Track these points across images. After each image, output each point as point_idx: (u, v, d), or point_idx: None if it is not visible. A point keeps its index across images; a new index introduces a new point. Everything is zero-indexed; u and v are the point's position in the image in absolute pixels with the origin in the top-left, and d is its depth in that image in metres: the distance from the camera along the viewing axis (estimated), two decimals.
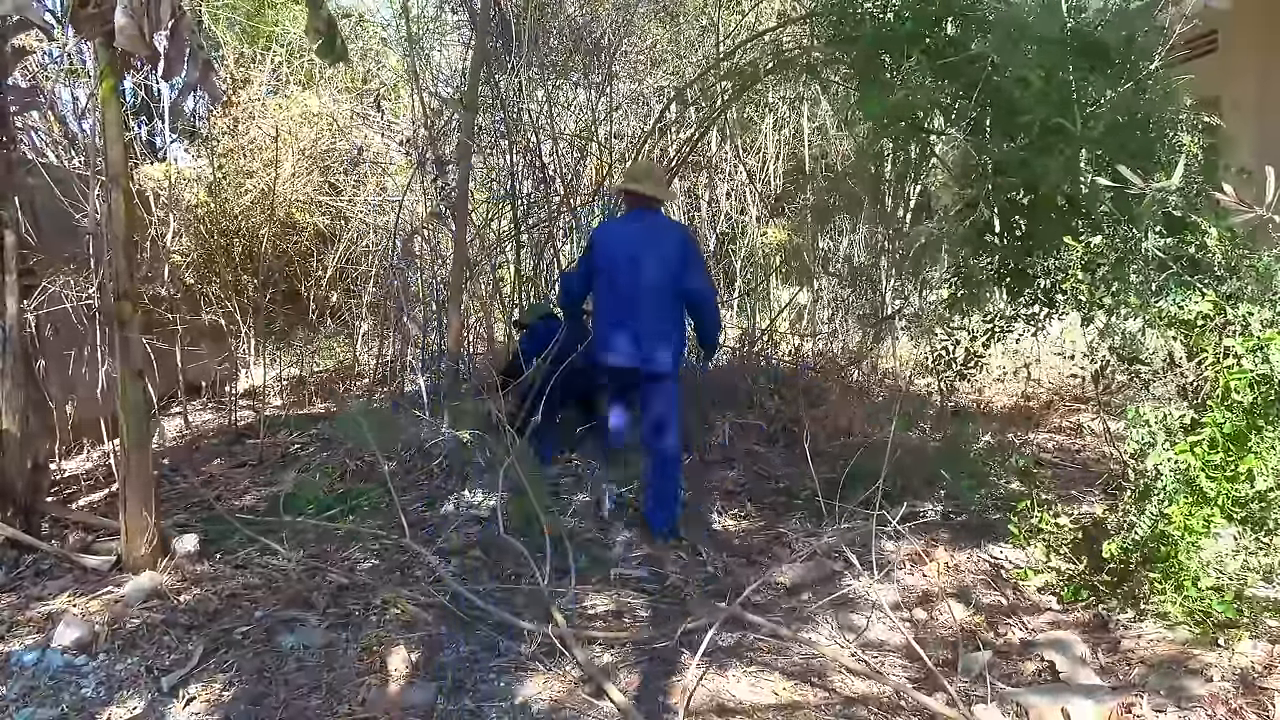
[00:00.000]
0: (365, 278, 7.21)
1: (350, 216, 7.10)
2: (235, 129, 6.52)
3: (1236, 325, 2.68)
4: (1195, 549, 2.51)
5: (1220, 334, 2.72)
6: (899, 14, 3.47)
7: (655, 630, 2.81)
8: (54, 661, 2.54)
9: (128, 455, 3.15)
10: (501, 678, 2.56)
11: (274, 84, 7.27)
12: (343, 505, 4.02)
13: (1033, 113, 2.98)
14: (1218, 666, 2.38)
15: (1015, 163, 3.09)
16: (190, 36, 3.17)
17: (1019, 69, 3.06)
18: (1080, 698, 2.25)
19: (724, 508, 4.00)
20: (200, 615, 2.86)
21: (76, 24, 3.12)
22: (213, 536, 3.56)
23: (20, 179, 3.44)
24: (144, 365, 3.27)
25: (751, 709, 2.40)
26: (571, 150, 6.71)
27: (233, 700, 2.40)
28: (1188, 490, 2.54)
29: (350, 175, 7.10)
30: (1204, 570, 2.51)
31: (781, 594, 3.14)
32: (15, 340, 3.28)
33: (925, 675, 2.52)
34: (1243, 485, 2.46)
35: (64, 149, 6.35)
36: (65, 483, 4.34)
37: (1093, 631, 2.67)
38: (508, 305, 6.39)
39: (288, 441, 5.09)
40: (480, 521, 3.74)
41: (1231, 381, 2.53)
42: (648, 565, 3.41)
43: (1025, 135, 3.08)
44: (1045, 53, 3.03)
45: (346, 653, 2.67)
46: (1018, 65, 3.06)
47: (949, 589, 3.08)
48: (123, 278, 3.15)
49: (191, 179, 6.48)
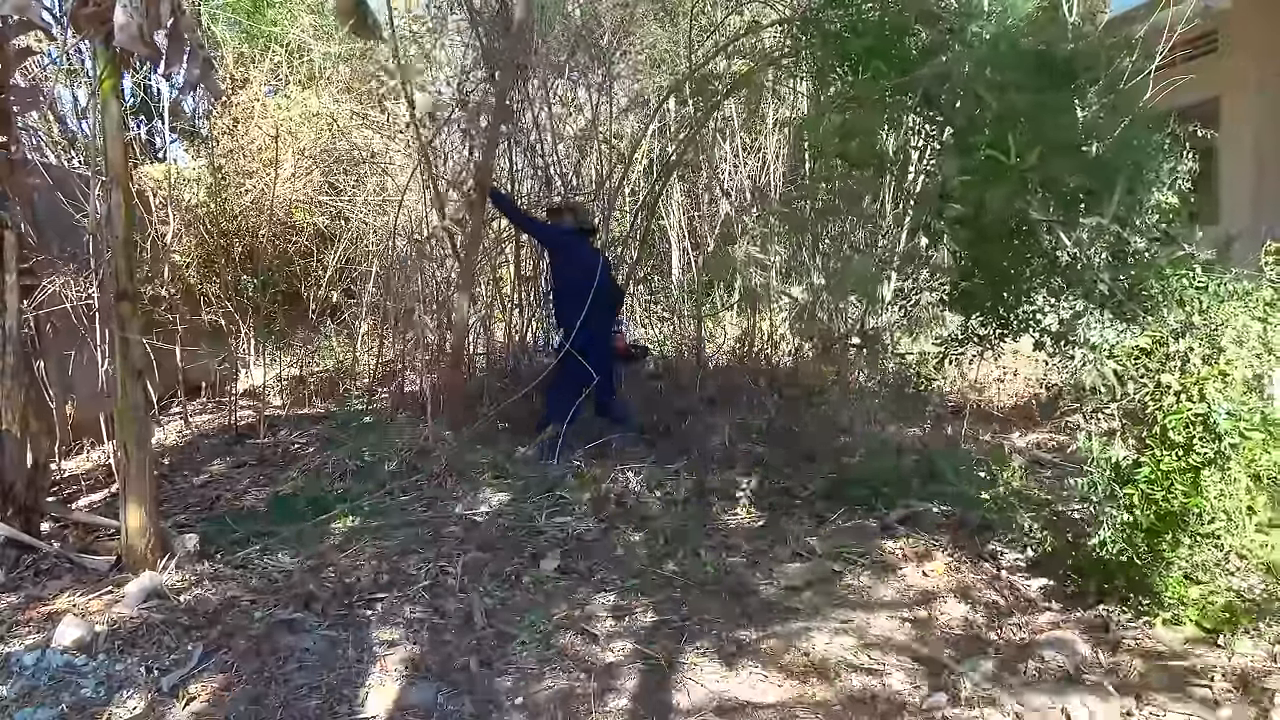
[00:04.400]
0: (365, 278, 7.21)
1: (350, 216, 7.09)
2: (235, 129, 6.51)
3: (1176, 361, 2.67)
4: (1164, 572, 2.54)
5: (1161, 368, 2.70)
6: (855, 27, 3.36)
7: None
8: (54, 661, 2.53)
9: (128, 455, 3.15)
10: (502, 678, 2.56)
11: (274, 84, 7.27)
12: (343, 505, 4.02)
13: (980, 135, 2.90)
14: (1218, 666, 2.38)
15: (960, 187, 2.99)
16: (190, 35, 3.17)
17: (974, 87, 2.97)
18: (1081, 697, 2.25)
19: (724, 507, 3.99)
20: (200, 615, 2.85)
21: (76, 23, 3.12)
22: (212, 536, 3.56)
23: (20, 179, 3.44)
24: (144, 365, 3.27)
25: (752, 709, 2.40)
26: (572, 150, 6.72)
27: (233, 700, 2.40)
28: (1133, 528, 2.57)
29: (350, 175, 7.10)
30: (1180, 586, 2.53)
31: (782, 593, 3.14)
32: (15, 340, 3.28)
33: (926, 675, 2.52)
34: (1192, 523, 2.48)
35: (64, 149, 6.35)
36: (65, 483, 4.34)
37: (1093, 631, 2.67)
38: (508, 305, 6.40)
39: (288, 441, 5.09)
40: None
41: (1168, 420, 2.54)
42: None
43: (973, 158, 3.00)
44: (1002, 70, 2.93)
45: (346, 653, 2.67)
46: (974, 83, 2.97)
47: (949, 589, 3.08)
48: (123, 278, 3.15)
49: (191, 179, 6.47)
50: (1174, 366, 2.65)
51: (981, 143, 2.80)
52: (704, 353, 6.56)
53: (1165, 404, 2.60)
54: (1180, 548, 2.51)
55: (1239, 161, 6.23)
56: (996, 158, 2.74)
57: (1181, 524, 2.49)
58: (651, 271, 8.35)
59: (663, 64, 7.53)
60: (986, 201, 2.80)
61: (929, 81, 3.08)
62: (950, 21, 3.13)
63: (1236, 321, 2.57)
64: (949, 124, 3.25)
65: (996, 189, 2.78)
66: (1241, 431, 2.41)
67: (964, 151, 2.96)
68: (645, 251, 7.36)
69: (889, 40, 3.17)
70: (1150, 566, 2.57)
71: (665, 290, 8.27)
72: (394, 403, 5.75)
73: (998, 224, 2.92)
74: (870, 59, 3.18)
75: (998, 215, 2.85)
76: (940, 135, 3.47)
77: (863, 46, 3.21)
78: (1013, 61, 2.89)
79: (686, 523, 3.76)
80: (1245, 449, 2.41)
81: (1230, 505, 2.44)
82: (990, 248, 3.03)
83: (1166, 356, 2.68)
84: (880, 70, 3.16)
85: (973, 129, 2.92)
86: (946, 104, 3.17)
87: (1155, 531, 2.53)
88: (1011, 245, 2.98)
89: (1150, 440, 2.66)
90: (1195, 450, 2.47)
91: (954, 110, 3.15)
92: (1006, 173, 2.73)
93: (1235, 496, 2.43)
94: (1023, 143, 2.71)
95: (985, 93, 2.88)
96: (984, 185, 2.81)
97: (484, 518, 3.86)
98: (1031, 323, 2.99)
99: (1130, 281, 2.78)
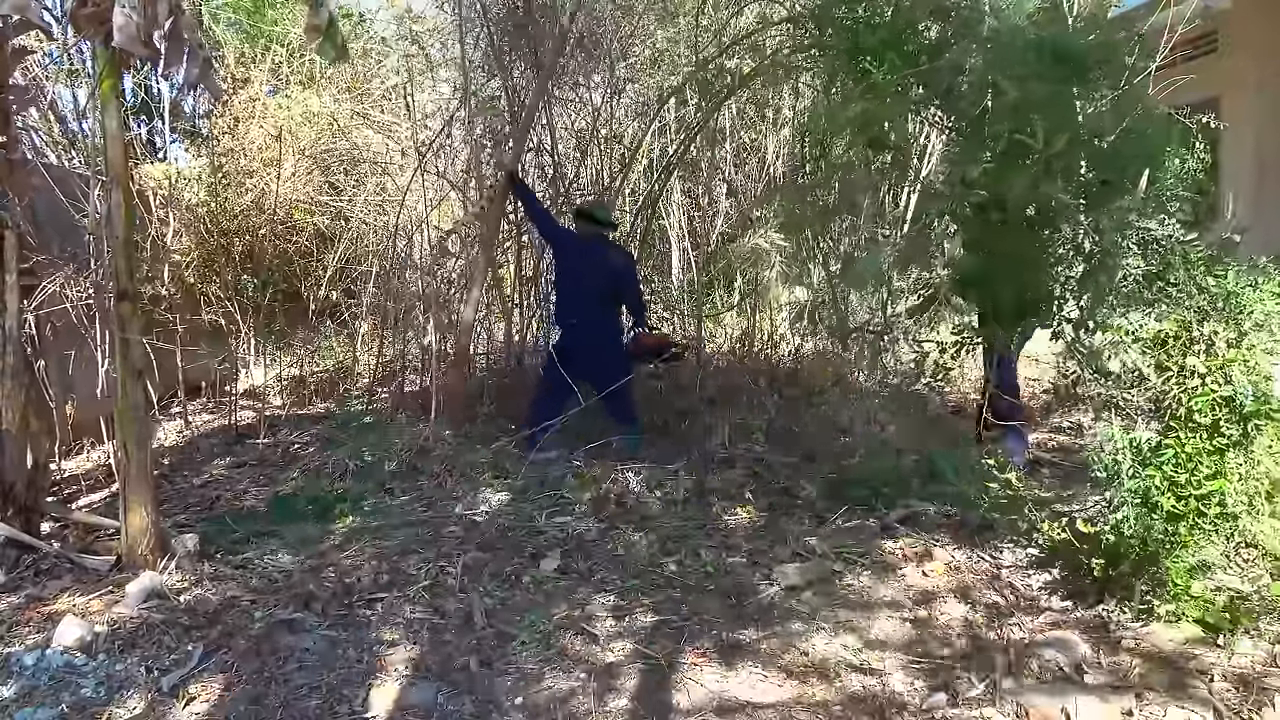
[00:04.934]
0: (365, 278, 7.21)
1: (350, 216, 7.10)
2: (235, 129, 6.52)
3: (1201, 345, 2.67)
4: (1177, 558, 2.53)
5: (1185, 352, 2.71)
6: (870, 22, 3.40)
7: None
8: (54, 661, 2.53)
9: (128, 455, 3.15)
10: (502, 678, 2.56)
11: (274, 84, 7.27)
12: (343, 505, 4.02)
13: (1002, 124, 2.92)
14: (1218, 666, 2.38)
15: (982, 175, 3.02)
16: (189, 35, 3.16)
17: (991, 77, 2.99)
18: (1081, 697, 2.25)
19: (724, 507, 3.99)
20: (200, 615, 2.85)
21: (76, 23, 3.12)
22: (212, 536, 3.56)
23: (21, 179, 3.44)
24: (144, 365, 3.27)
25: (752, 709, 2.40)
26: (573, 150, 6.72)
27: (233, 700, 2.40)
28: (1151, 511, 2.55)
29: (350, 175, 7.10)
30: (1187, 578, 2.52)
31: (782, 593, 3.13)
32: (15, 340, 3.28)
33: (926, 675, 2.52)
34: (1212, 506, 2.46)
35: (64, 149, 6.35)
36: (65, 483, 4.34)
37: (1093, 631, 2.67)
38: (509, 305, 6.40)
39: (288, 441, 5.09)
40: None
41: (1194, 403, 2.53)
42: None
43: (995, 147, 3.01)
44: (1019, 61, 2.94)
45: (346, 653, 2.67)
46: (991, 74, 2.99)
47: (949, 589, 3.08)
48: (123, 278, 3.15)
49: (191, 179, 6.48)
50: (1199, 350, 2.65)
51: (1005, 130, 2.82)
52: (704, 353, 6.56)
53: (1191, 387, 2.59)
54: (1198, 531, 2.48)
55: (1239, 161, 6.23)
56: (1024, 142, 2.76)
57: (1202, 508, 2.47)
58: (652, 271, 8.35)
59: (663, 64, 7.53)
60: (1011, 188, 2.83)
61: (947, 73, 3.10)
62: (965, 14, 3.15)
63: (1261, 307, 2.57)
64: (968, 114, 3.26)
65: (1020, 176, 2.80)
66: (1268, 413, 2.40)
67: (985, 140, 2.98)
68: (645, 251, 7.36)
69: (903, 34, 3.20)
70: (1163, 549, 2.54)
71: (665, 290, 8.28)
72: (394, 403, 5.75)
73: (1018, 212, 2.94)
74: (885, 51, 3.20)
75: (1020, 202, 2.87)
76: (959, 125, 3.47)
77: (878, 40, 3.23)
78: (1030, 54, 2.91)
79: (686, 523, 3.76)
80: (1270, 430, 2.41)
81: (1252, 489, 2.43)
82: (1011, 235, 3.05)
83: (1191, 340, 2.69)
84: (895, 64, 3.18)
85: (995, 118, 2.94)
86: (965, 95, 3.18)
87: (1174, 515, 2.50)
88: (1033, 233, 3.00)
89: (1174, 423, 2.65)
90: (1221, 431, 2.45)
91: (972, 101, 3.16)
92: (1030, 161, 2.75)
93: (1258, 479, 2.42)
94: (1047, 130, 2.73)
95: (1005, 83, 2.90)
96: (1007, 172, 2.83)
97: (484, 518, 3.86)
98: (1053, 309, 2.99)
99: (1154, 269, 2.79)
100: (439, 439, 4.68)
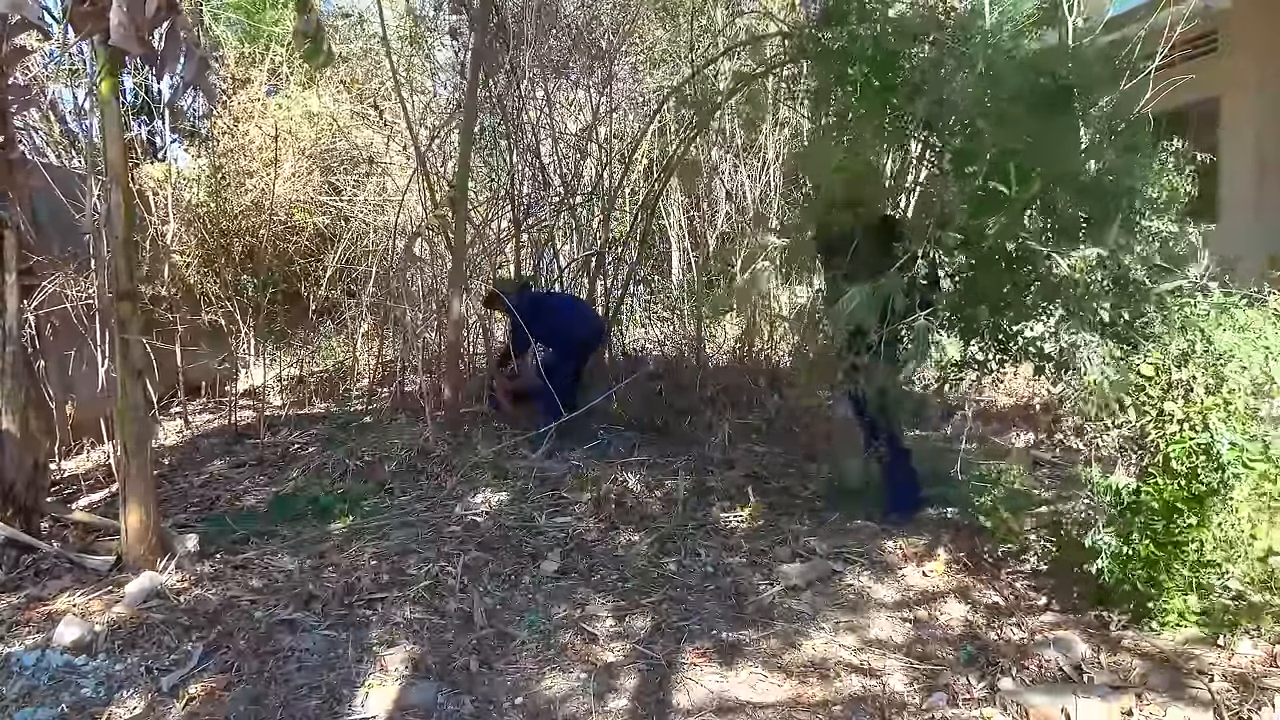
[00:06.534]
0: (365, 278, 7.21)
1: (350, 216, 7.09)
2: (235, 128, 6.51)
3: (1179, 390, 2.66)
4: (1165, 595, 2.54)
5: (1164, 396, 2.69)
6: (849, 50, 3.29)
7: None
8: (54, 661, 2.54)
9: (128, 455, 3.14)
10: (502, 678, 2.56)
11: (274, 84, 7.26)
12: (343, 504, 4.02)
13: (980, 164, 2.84)
14: (1218, 666, 2.38)
15: (959, 215, 2.92)
16: (187, 34, 3.16)
17: (972, 115, 2.92)
18: (1081, 697, 2.25)
19: (724, 507, 3.99)
20: (200, 615, 2.85)
21: (74, 22, 3.12)
22: (212, 536, 3.56)
23: (21, 179, 3.44)
24: (144, 365, 3.27)
25: (752, 709, 2.40)
26: (572, 150, 6.71)
27: (233, 700, 2.40)
28: (1131, 559, 2.57)
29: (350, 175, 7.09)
30: (1182, 600, 2.53)
31: (782, 593, 3.13)
32: (15, 340, 3.28)
33: (926, 675, 2.52)
34: (1190, 553, 2.47)
35: (64, 149, 6.35)
36: (65, 483, 4.34)
37: (1093, 631, 2.67)
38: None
39: (288, 441, 5.09)
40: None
41: (1171, 449, 2.53)
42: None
43: (972, 185, 2.91)
44: (998, 99, 2.88)
45: (346, 653, 2.67)
46: (972, 111, 2.92)
47: (949, 589, 3.08)
48: (123, 278, 3.15)
49: (191, 179, 6.47)
50: (1177, 395, 2.64)
51: (980, 173, 2.78)
52: (704, 353, 6.56)
53: (1168, 432, 2.59)
54: (1178, 578, 2.51)
55: (1239, 162, 6.23)
56: (996, 189, 2.72)
57: (1180, 554, 2.49)
58: (651, 271, 8.35)
59: (662, 64, 7.53)
60: (984, 230, 2.79)
61: (928, 107, 3.06)
62: (945, 44, 3.11)
63: (1240, 351, 2.56)
64: (947, 150, 3.23)
65: (994, 216, 2.76)
66: (1245, 461, 2.41)
67: (962, 179, 2.94)
68: (645, 251, 7.36)
69: (885, 62, 3.14)
70: (1148, 593, 2.57)
71: (665, 290, 8.27)
72: (394, 403, 5.75)
73: (996, 250, 2.89)
74: (869, 80, 3.16)
75: (996, 243, 2.82)
76: (939, 161, 3.44)
77: (861, 69, 3.17)
78: (1009, 88, 2.86)
79: (686, 523, 3.76)
80: (1248, 479, 2.41)
81: (1232, 534, 2.44)
82: (989, 274, 3.00)
83: (1169, 385, 2.68)
84: (876, 92, 3.14)
85: (971, 157, 2.89)
86: (944, 130, 3.15)
87: (1153, 561, 2.53)
88: (1010, 272, 2.95)
89: (1152, 468, 2.66)
90: (1199, 479, 2.47)
91: (952, 137, 3.13)
92: (1005, 202, 2.71)
93: (1237, 526, 2.43)
94: (1022, 173, 2.69)
95: (983, 122, 2.86)
96: (983, 213, 2.79)
97: (484, 518, 3.86)
98: (1031, 349, 2.97)
99: (1130, 312, 2.76)
100: (439, 439, 4.68)
